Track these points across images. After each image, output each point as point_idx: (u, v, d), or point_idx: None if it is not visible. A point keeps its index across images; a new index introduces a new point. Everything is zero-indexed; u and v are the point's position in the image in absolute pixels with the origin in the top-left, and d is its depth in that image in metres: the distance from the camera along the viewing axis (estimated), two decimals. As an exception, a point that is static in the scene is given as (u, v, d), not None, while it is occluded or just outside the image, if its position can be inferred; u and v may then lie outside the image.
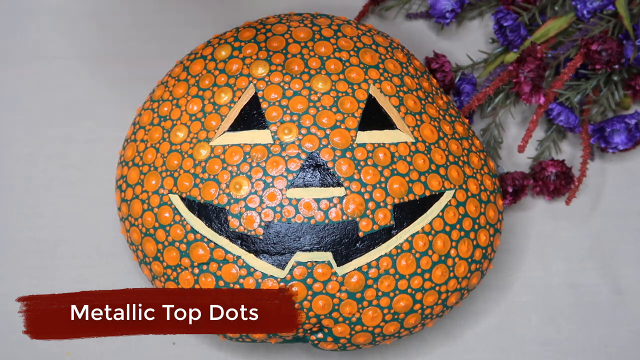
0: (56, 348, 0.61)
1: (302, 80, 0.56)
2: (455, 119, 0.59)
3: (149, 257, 0.56)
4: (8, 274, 0.63)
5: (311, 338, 0.56)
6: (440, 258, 0.55)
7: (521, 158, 0.66)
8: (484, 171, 0.58)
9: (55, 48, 0.69)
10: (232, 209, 0.54)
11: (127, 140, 0.59)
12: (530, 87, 0.62)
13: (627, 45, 0.64)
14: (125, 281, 0.62)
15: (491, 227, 0.57)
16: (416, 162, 0.55)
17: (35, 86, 0.68)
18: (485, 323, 0.62)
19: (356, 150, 0.54)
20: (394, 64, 0.58)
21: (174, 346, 0.61)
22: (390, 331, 0.55)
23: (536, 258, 0.63)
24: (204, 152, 0.55)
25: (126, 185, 0.57)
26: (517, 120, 0.67)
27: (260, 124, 0.55)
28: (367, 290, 0.53)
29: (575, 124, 0.63)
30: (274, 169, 0.54)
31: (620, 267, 0.63)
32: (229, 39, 0.59)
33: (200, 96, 0.57)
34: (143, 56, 0.69)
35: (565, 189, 0.63)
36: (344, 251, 0.53)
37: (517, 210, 0.65)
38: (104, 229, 0.64)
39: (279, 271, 0.53)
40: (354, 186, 0.54)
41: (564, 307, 0.62)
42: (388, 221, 0.54)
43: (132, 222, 0.57)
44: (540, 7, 0.67)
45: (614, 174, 0.66)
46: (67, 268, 0.63)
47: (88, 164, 0.66)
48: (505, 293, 0.63)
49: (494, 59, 0.67)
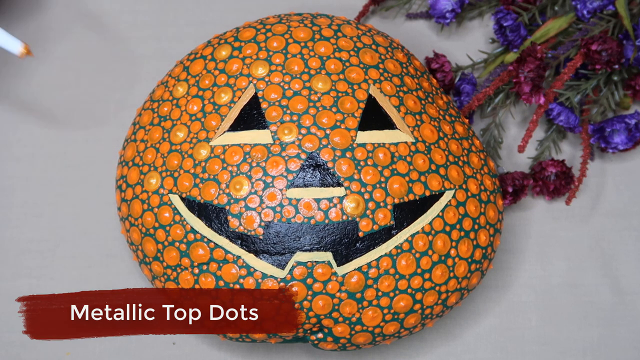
0: (56, 348, 0.61)
1: (302, 80, 0.56)
2: (455, 119, 0.59)
3: (149, 257, 0.56)
4: (8, 274, 0.63)
5: (311, 338, 0.56)
6: (440, 258, 0.55)
7: (521, 158, 0.66)
8: (484, 171, 0.58)
9: (56, 48, 0.69)
10: (232, 209, 0.54)
11: (127, 140, 0.59)
12: (530, 87, 0.62)
13: (627, 45, 0.64)
14: (125, 281, 0.62)
15: (491, 227, 0.57)
16: (416, 162, 0.55)
17: (36, 86, 0.68)
18: (485, 323, 0.62)
19: (356, 150, 0.54)
20: (394, 64, 0.58)
21: (174, 346, 0.61)
22: (390, 331, 0.55)
23: (536, 258, 0.63)
24: (204, 152, 0.55)
25: (126, 185, 0.57)
26: (517, 120, 0.67)
27: (260, 124, 0.55)
28: (367, 290, 0.53)
29: (575, 124, 0.63)
30: (274, 169, 0.54)
31: (620, 267, 0.63)
32: (229, 39, 0.59)
33: (200, 96, 0.57)
34: (143, 56, 0.69)
35: (565, 189, 0.63)
36: (344, 251, 0.53)
37: (517, 210, 0.65)
38: (104, 229, 0.64)
39: (279, 271, 0.53)
40: (354, 186, 0.54)
41: (564, 307, 0.62)
42: (388, 221, 0.54)
43: (132, 222, 0.57)
44: (540, 7, 0.67)
45: (614, 174, 0.66)
46: (67, 268, 0.63)
47: (88, 164, 0.66)
48: (505, 293, 0.63)
49: (494, 59, 0.67)
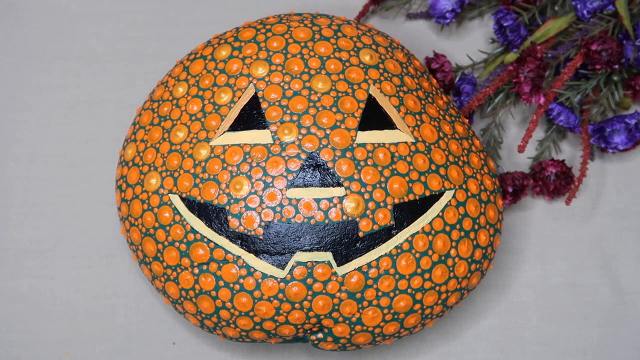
0: (56, 348, 0.61)
1: (302, 80, 0.56)
2: (455, 119, 0.59)
3: (149, 257, 0.56)
4: (8, 274, 0.63)
5: (311, 338, 0.56)
6: (440, 258, 0.55)
7: (521, 158, 0.66)
8: (484, 171, 0.58)
9: (55, 48, 0.69)
10: (232, 209, 0.54)
11: (127, 140, 0.59)
12: (530, 87, 0.62)
13: (627, 45, 0.64)
14: (125, 281, 0.63)
15: (491, 227, 0.57)
16: (416, 162, 0.55)
17: (35, 86, 0.68)
18: (485, 323, 0.62)
19: (356, 150, 0.54)
20: (394, 64, 0.58)
21: (174, 346, 0.61)
22: (390, 331, 0.55)
23: (536, 258, 0.63)
24: (204, 152, 0.55)
25: (126, 185, 0.57)
26: (517, 120, 0.67)
27: (260, 124, 0.55)
28: (367, 290, 0.53)
29: (575, 124, 0.63)
30: (274, 169, 0.54)
31: (620, 267, 0.63)
32: (229, 39, 0.59)
33: (200, 96, 0.57)
34: (143, 56, 0.69)
35: (565, 189, 0.63)
36: (344, 251, 0.53)
37: (517, 210, 0.65)
38: (104, 229, 0.64)
39: (279, 271, 0.53)
40: (354, 186, 0.54)
41: (564, 307, 0.62)
42: (388, 221, 0.54)
43: (132, 222, 0.57)
44: (540, 7, 0.67)
45: (614, 174, 0.66)
46: (67, 268, 0.63)
47: (88, 164, 0.66)
48: (505, 293, 0.63)
49: (494, 59, 0.67)
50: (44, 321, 0.62)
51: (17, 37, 0.70)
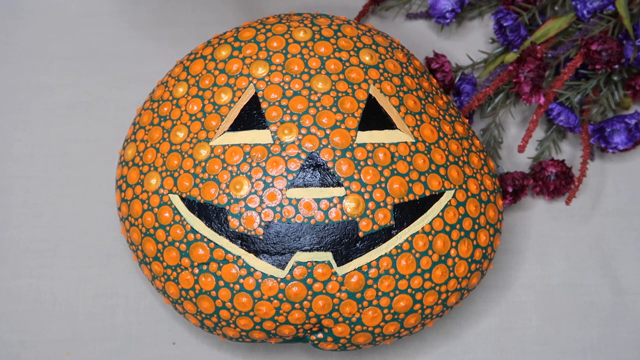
0: (56, 348, 0.61)
1: (302, 80, 0.56)
2: (455, 119, 0.59)
3: (149, 257, 0.56)
4: (8, 274, 0.63)
5: (311, 338, 0.56)
6: (440, 258, 0.55)
7: (521, 158, 0.66)
8: (484, 171, 0.58)
9: (55, 48, 0.69)
10: (232, 209, 0.54)
11: (127, 140, 0.59)
12: (530, 87, 0.62)
13: (627, 45, 0.64)
14: (125, 281, 0.63)
15: (491, 227, 0.57)
16: (416, 162, 0.55)
17: (35, 86, 0.68)
18: (485, 323, 0.62)
19: (356, 150, 0.54)
20: (394, 64, 0.58)
21: (174, 346, 0.61)
22: (390, 331, 0.55)
23: (536, 258, 0.63)
24: (204, 152, 0.55)
25: (126, 185, 0.57)
26: (517, 120, 0.67)
27: (260, 124, 0.55)
28: (367, 290, 0.53)
29: (575, 124, 0.63)
30: (274, 169, 0.54)
31: (620, 267, 0.63)
32: (229, 39, 0.59)
33: (200, 96, 0.57)
34: (143, 56, 0.69)
35: (565, 189, 0.63)
36: (344, 251, 0.53)
37: (517, 210, 0.65)
38: (104, 229, 0.64)
39: (279, 271, 0.53)
40: (354, 186, 0.54)
41: (564, 307, 0.62)
42: (388, 221, 0.54)
43: (132, 222, 0.57)
44: (540, 7, 0.67)
45: (614, 174, 0.66)
46: (67, 268, 0.63)
47: (88, 164, 0.66)
48: (505, 293, 0.63)
49: (494, 59, 0.67)
50: (44, 321, 0.62)
51: (17, 37, 0.70)
